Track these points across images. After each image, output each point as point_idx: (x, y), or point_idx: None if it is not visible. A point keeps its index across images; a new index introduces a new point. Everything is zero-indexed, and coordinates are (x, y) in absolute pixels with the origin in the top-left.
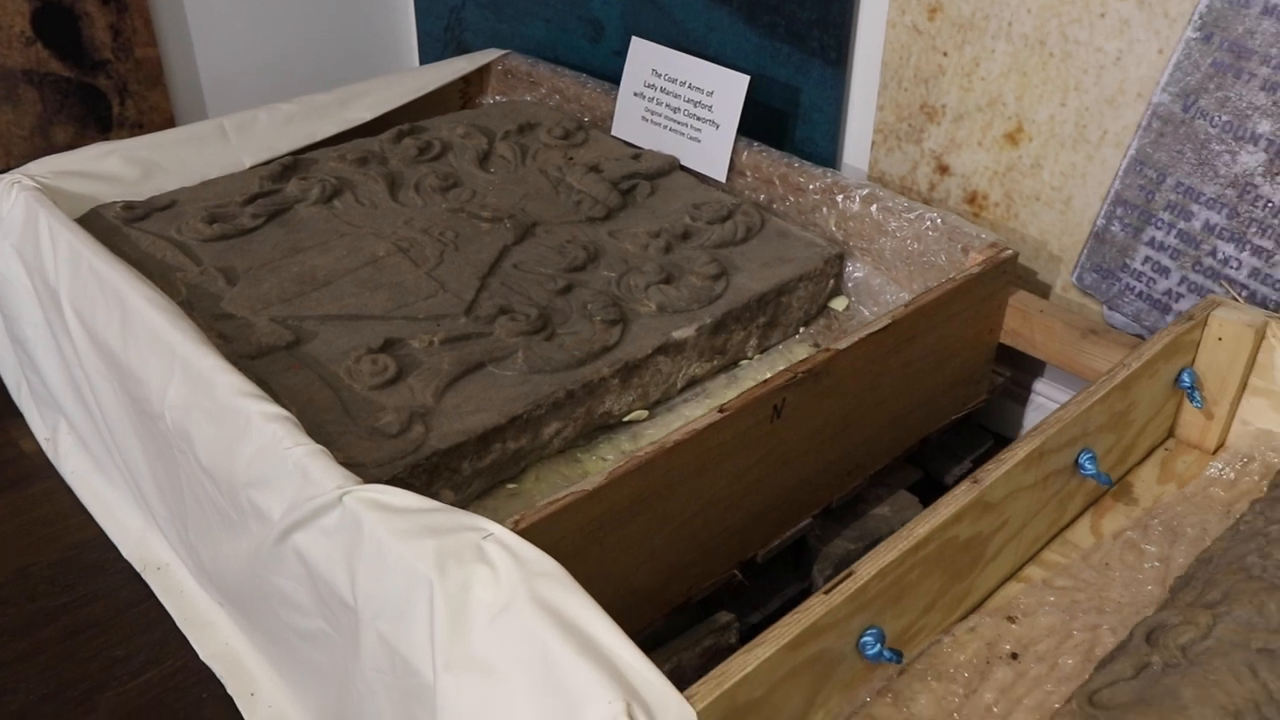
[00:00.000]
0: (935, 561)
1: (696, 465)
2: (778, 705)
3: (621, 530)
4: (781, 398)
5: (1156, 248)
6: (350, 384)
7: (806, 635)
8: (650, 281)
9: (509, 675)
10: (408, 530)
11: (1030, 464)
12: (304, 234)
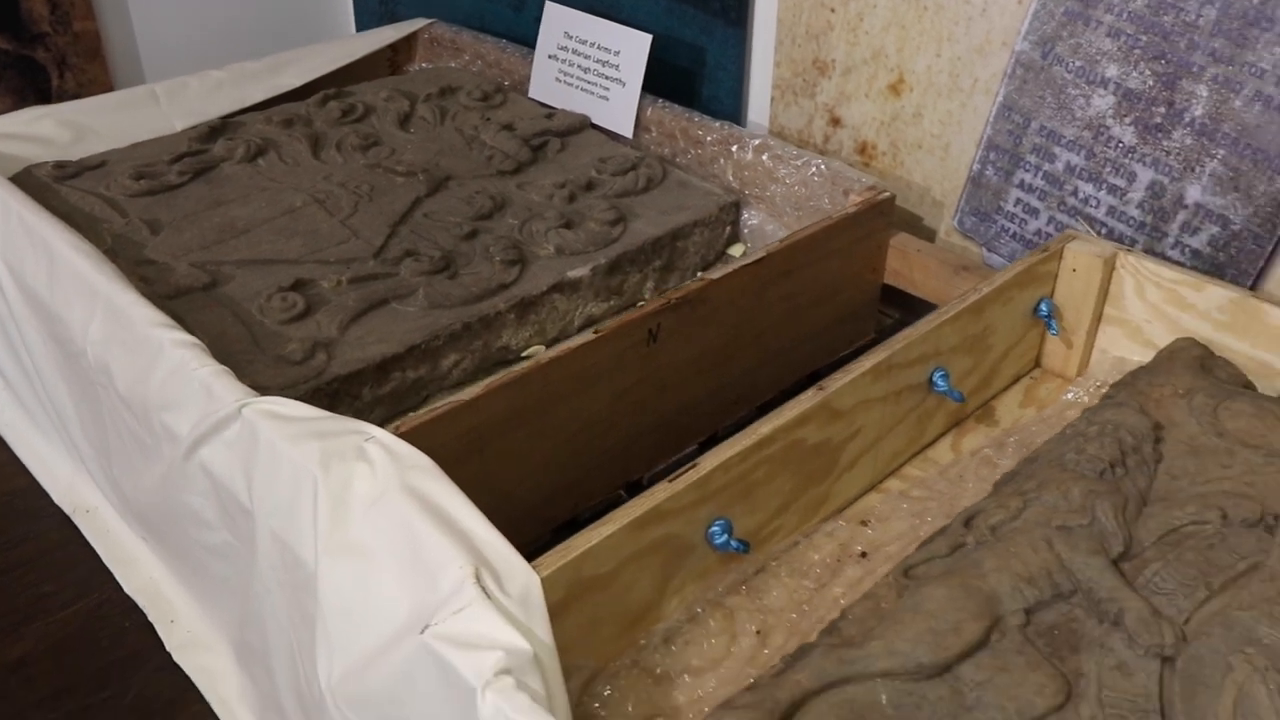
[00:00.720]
0: (783, 462)
1: (574, 384)
2: (627, 584)
3: (501, 442)
4: (656, 322)
5: (1026, 190)
6: (261, 319)
7: (650, 517)
8: (550, 227)
9: (380, 555)
10: (297, 435)
11: (877, 376)
12: (227, 189)
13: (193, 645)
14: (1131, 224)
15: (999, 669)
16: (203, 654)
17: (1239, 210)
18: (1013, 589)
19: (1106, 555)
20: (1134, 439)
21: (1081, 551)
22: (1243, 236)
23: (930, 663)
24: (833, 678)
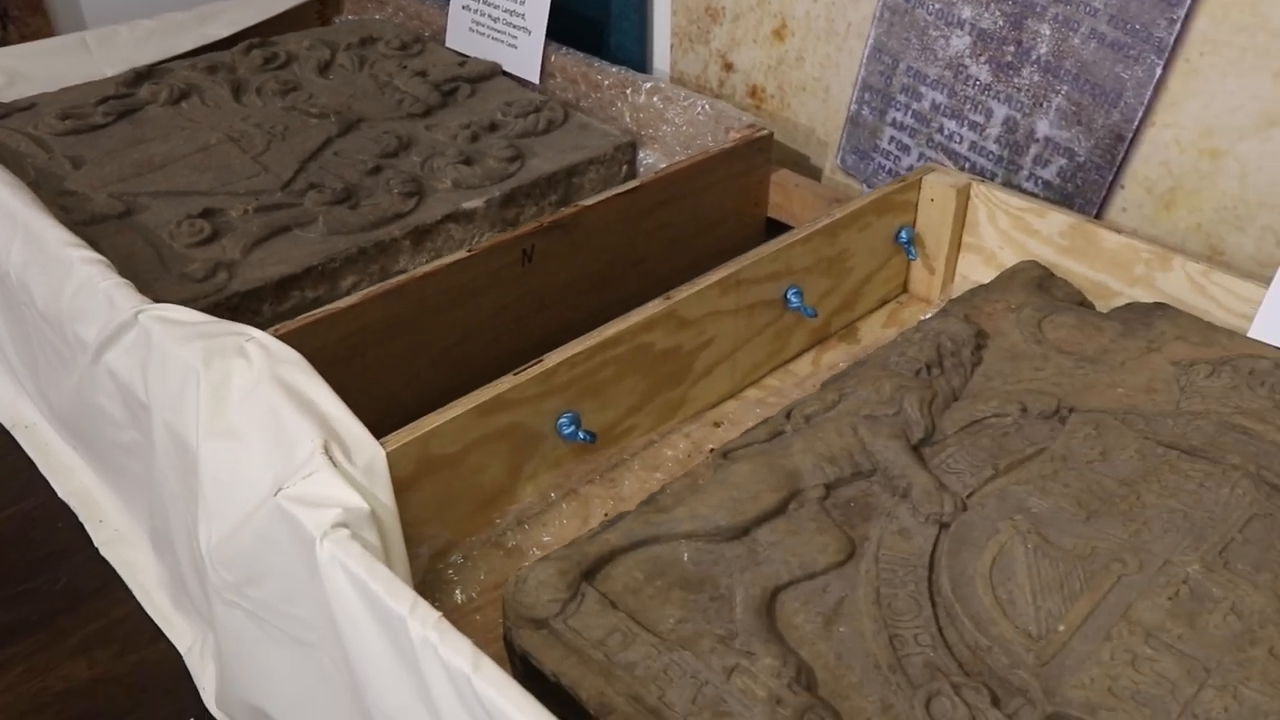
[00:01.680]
0: (631, 364)
1: (450, 297)
2: (477, 465)
3: (381, 349)
4: (530, 243)
5: (898, 128)
6: (170, 244)
7: (494, 405)
8: (450, 163)
9: (250, 436)
10: (185, 336)
11: (725, 289)
12: (148, 129)
13: (118, 541)
14: (991, 158)
15: (791, 532)
16: (126, 548)
17: (1082, 143)
18: (814, 466)
19: (906, 440)
20: (953, 344)
21: (882, 436)
22: (1086, 167)
23: (728, 525)
24: (640, 537)
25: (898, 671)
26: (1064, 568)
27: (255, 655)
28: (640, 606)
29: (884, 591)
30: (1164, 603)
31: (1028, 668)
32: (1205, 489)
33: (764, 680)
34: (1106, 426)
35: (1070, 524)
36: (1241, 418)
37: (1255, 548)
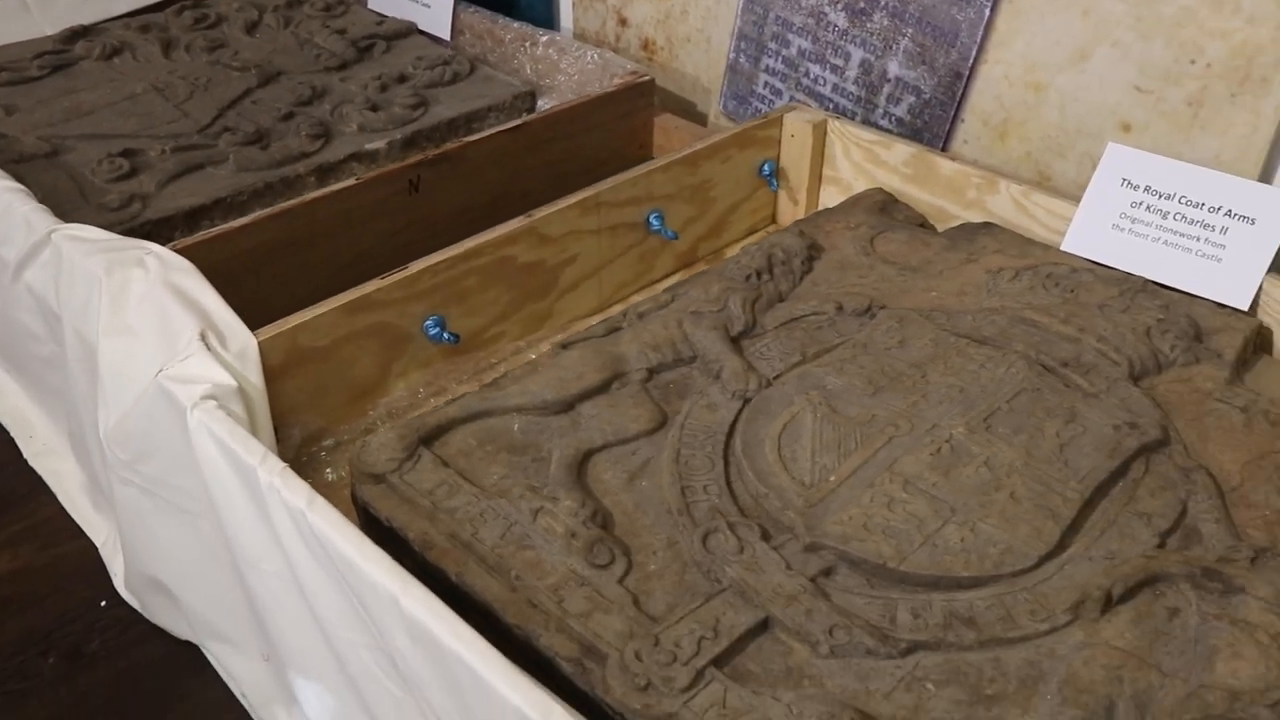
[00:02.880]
0: (495, 275)
1: (340, 221)
2: (347, 359)
3: (275, 267)
4: (416, 174)
5: (771, 74)
6: (91, 179)
7: (361, 304)
8: (358, 109)
9: (143, 332)
10: (91, 251)
11: (585, 210)
12: (80, 81)
13: (46, 453)
14: (851, 98)
15: (610, 406)
16: (53, 459)
17: (927, 81)
18: (639, 353)
19: (726, 332)
20: (785, 254)
21: (703, 327)
22: (932, 104)
23: (554, 400)
24: (476, 410)
25: (684, 514)
26: (844, 431)
27: (149, 528)
28: (469, 466)
29: (683, 452)
30: (926, 458)
31: (797, 510)
32: (984, 369)
33: (563, 519)
34: (909, 320)
35: (858, 398)
36: (1031, 312)
37: (1018, 416)
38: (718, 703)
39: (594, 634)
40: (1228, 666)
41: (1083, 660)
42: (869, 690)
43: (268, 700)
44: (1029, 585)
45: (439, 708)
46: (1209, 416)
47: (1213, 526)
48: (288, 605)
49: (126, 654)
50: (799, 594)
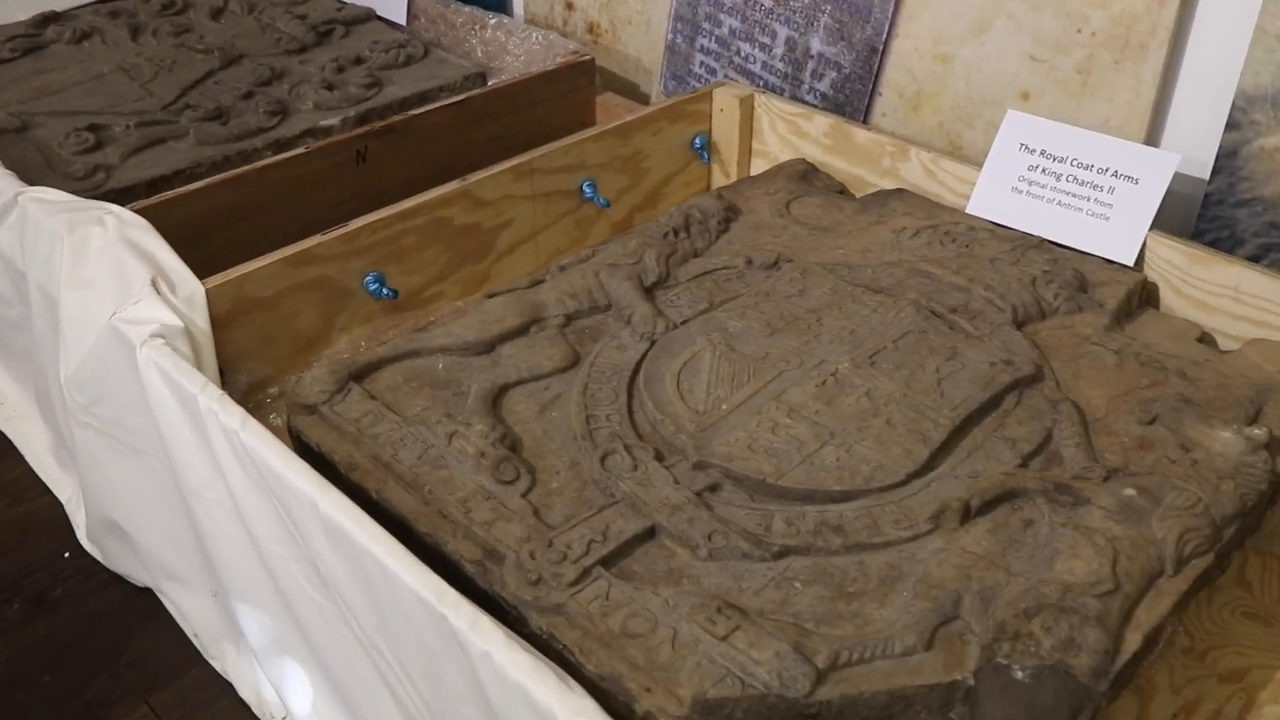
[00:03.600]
0: (432, 235)
1: (290, 188)
2: (291, 311)
3: (228, 231)
4: (363, 145)
5: (705, 53)
6: (58, 152)
7: (303, 258)
8: (314, 88)
9: (100, 284)
10: (54, 211)
11: (519, 175)
12: (50, 63)
13: (16, 418)
14: (778, 75)
15: (528, 347)
16: (22, 423)
17: (846, 56)
18: (558, 300)
19: (640, 282)
20: (702, 215)
21: (618, 278)
22: (851, 78)
23: (476, 341)
24: (403, 350)
25: (587, 439)
26: (739, 367)
27: (105, 470)
28: (394, 399)
29: (590, 386)
30: (811, 389)
31: (689, 434)
32: (876, 314)
33: (474, 441)
34: (812, 272)
35: (756, 338)
36: (927, 265)
37: (902, 354)
38: (601, 596)
39: (495, 539)
40: (1066, 565)
41: (937, 562)
42: (741, 587)
43: (217, 638)
44: (896, 499)
45: (355, 606)
46: (1084, 358)
47: (1073, 450)
48: (227, 530)
49: (87, 601)
50: (683, 505)
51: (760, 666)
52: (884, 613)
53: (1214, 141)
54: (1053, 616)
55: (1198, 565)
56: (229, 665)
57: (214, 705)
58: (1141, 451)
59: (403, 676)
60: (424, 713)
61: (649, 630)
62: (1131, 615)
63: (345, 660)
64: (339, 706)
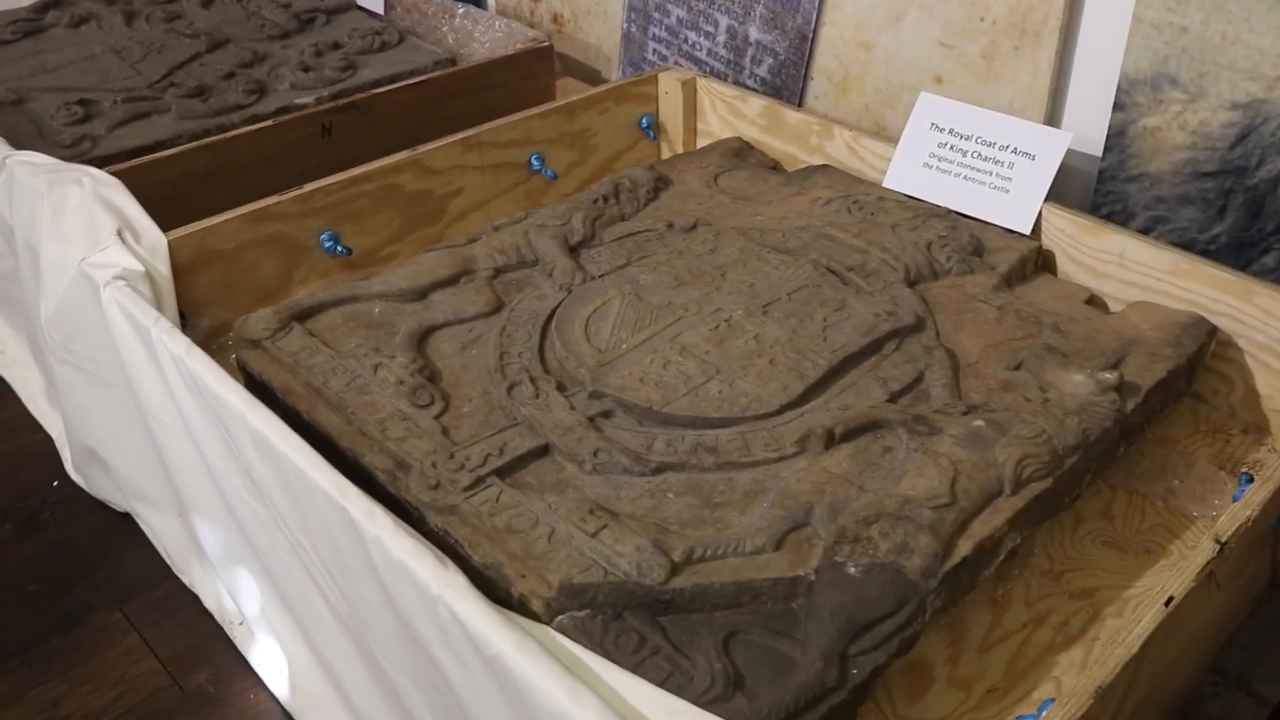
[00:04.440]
0: (385, 199)
1: (259, 158)
2: (250, 264)
3: (201, 196)
4: (329, 119)
5: (657, 41)
6: (50, 123)
7: (261, 215)
8: (292, 70)
9: (75, 236)
10: (37, 172)
11: (468, 147)
12: (48, 44)
13: (14, 364)
14: (722, 61)
15: (456, 294)
16: (19, 369)
17: (781, 44)
18: (488, 255)
19: (565, 241)
20: (632, 184)
21: (545, 236)
22: (787, 64)
23: (409, 288)
24: (343, 295)
25: (499, 372)
26: (643, 313)
27: (83, 402)
28: (332, 337)
29: (508, 328)
30: (705, 333)
31: (589, 369)
32: (777, 270)
33: (396, 371)
34: (725, 234)
35: (663, 290)
36: (832, 229)
37: (794, 305)
38: (491, 500)
39: (405, 453)
40: (910, 483)
41: (797, 479)
42: (619, 496)
43: (184, 555)
44: (768, 426)
45: (283, 510)
46: (967, 313)
47: (940, 390)
48: (182, 450)
49: (72, 523)
50: (575, 427)
51: (622, 558)
52: (743, 520)
53: (1104, 122)
54: (890, 524)
55: (1035, 488)
56: (195, 579)
57: (181, 614)
58: (1004, 392)
59: (322, 569)
60: (340, 600)
61: (530, 527)
62: (966, 527)
63: (281, 561)
64: (280, 605)
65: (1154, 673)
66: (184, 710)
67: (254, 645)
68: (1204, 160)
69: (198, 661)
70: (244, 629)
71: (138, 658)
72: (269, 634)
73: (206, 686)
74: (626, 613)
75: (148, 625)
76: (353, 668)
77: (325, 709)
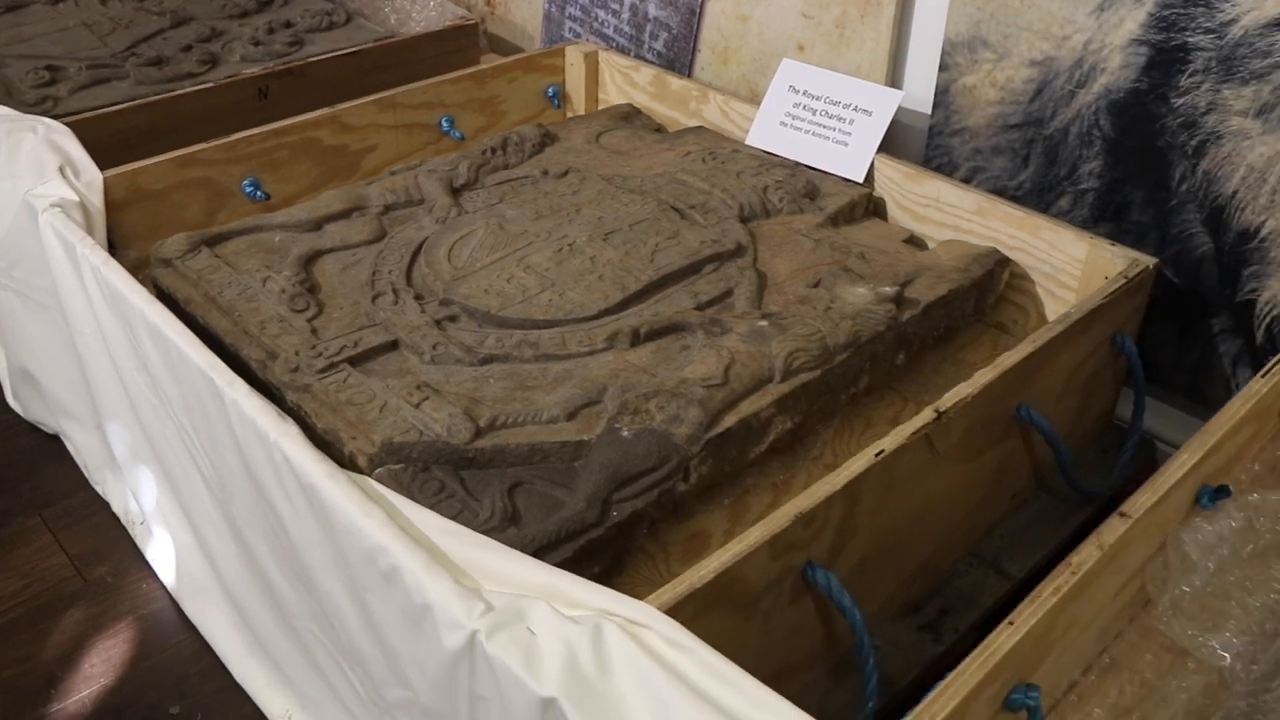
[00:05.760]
0: (303, 151)
1: (200, 117)
2: (178, 204)
3: (147, 147)
4: (265, 84)
5: (573, 20)
6: (18, 85)
7: (188, 160)
8: (243, 44)
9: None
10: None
11: (382, 108)
12: (26, 18)
13: None
14: (626, 37)
15: (347, 226)
16: None
17: (674, 19)
18: (380, 194)
19: (449, 183)
20: (519, 138)
21: (432, 180)
22: (679, 38)
23: (306, 220)
24: (250, 225)
25: (369, 286)
26: (500, 239)
27: (21, 325)
28: (234, 259)
29: (385, 252)
30: (549, 255)
31: (444, 283)
32: (625, 207)
33: (279, 283)
34: (589, 179)
35: (522, 222)
36: (684, 175)
37: (632, 234)
38: (340, 381)
39: (277, 346)
40: (692, 368)
41: (600, 368)
42: (448, 380)
43: (100, 465)
44: (586, 328)
45: (170, 394)
46: (788, 244)
47: (743, 302)
48: (99, 357)
49: (5, 444)
50: (422, 326)
51: (436, 423)
52: (547, 398)
53: (933, 81)
54: (666, 399)
55: (804, 378)
56: (108, 489)
57: (92, 519)
58: (799, 304)
59: (199, 444)
60: (210, 471)
61: (366, 401)
62: (735, 405)
63: (170, 448)
64: (170, 494)
65: (879, 530)
66: (84, 596)
67: (151, 542)
68: (1010, 114)
69: (101, 558)
70: (144, 528)
71: (49, 554)
72: (162, 526)
73: (106, 578)
74: (434, 466)
75: (61, 528)
76: (222, 541)
77: (203, 589)
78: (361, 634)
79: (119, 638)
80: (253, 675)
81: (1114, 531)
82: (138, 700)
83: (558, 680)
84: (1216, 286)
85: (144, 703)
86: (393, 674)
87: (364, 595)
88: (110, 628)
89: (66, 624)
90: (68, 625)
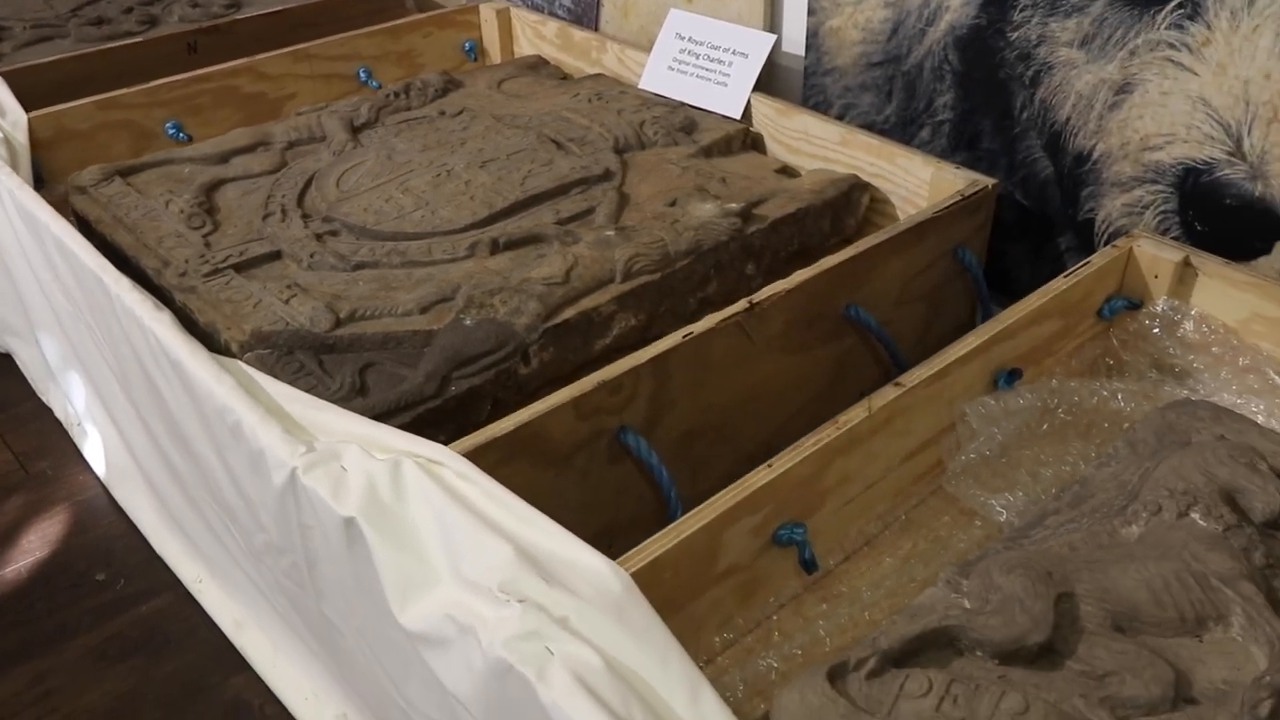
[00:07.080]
0: (224, 98)
1: (131, 69)
2: (104, 144)
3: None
4: (194, 39)
5: None
6: None
7: (112, 104)
8: (182, 6)
9: None
10: None
11: (298, 59)
12: None
13: None
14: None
15: (251, 159)
16: None
17: None
18: (284, 131)
19: (351, 123)
20: (423, 84)
21: (334, 118)
22: None
23: (214, 153)
24: (161, 159)
25: (263, 207)
26: (386, 168)
27: None
28: (144, 187)
29: (281, 179)
30: (428, 179)
31: (330, 203)
32: (507, 140)
33: (180, 204)
34: (480, 116)
35: (410, 153)
36: (568, 113)
37: (509, 162)
38: (223, 284)
39: (172, 257)
40: (537, 269)
41: (459, 272)
42: (321, 282)
43: (43, 378)
44: (451, 239)
45: (79, 301)
46: (656, 171)
47: (602, 219)
48: (26, 277)
49: None
50: (303, 238)
51: (301, 315)
52: (406, 296)
53: (803, 25)
54: (509, 294)
55: (643, 279)
56: (50, 397)
57: (36, 423)
58: (653, 220)
59: (105, 343)
60: (115, 365)
61: (244, 300)
62: (576, 302)
63: (86, 350)
64: (94, 394)
65: (702, 408)
66: (25, 486)
67: (85, 439)
68: (873, 52)
69: (43, 455)
70: (79, 429)
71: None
72: (92, 424)
73: (46, 470)
74: (297, 351)
75: (7, 430)
76: (136, 431)
77: (128, 476)
78: (229, 488)
79: (55, 519)
80: (170, 548)
81: (884, 397)
82: (69, 568)
83: (358, 504)
84: (1060, 208)
85: (74, 570)
86: (253, 520)
87: (224, 453)
88: (47, 511)
89: (8, 509)
90: (9, 510)
